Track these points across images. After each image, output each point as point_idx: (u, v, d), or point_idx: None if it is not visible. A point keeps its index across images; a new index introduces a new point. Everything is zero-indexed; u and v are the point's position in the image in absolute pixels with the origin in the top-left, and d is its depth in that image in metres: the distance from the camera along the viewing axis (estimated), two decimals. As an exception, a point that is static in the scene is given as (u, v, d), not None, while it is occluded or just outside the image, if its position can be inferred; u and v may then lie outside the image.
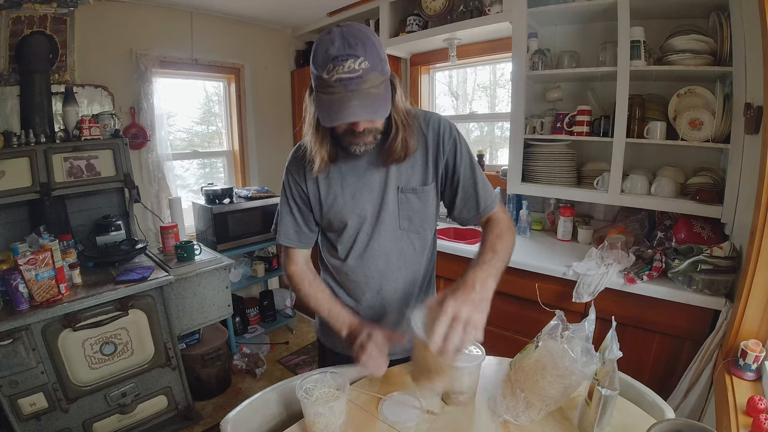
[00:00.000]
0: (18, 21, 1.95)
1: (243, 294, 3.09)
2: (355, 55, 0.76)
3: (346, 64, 0.76)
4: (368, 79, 0.79)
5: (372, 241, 1.02)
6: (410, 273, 1.07)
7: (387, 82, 0.85)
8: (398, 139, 0.92)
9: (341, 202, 1.00)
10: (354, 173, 0.99)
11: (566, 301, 1.65)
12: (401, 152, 0.94)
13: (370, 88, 0.79)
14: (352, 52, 0.76)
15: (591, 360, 0.78)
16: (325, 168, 0.96)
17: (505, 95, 2.61)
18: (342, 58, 0.76)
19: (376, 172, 0.99)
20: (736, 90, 1.48)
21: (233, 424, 0.87)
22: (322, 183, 1.01)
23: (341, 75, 0.77)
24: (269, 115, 3.23)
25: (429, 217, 1.05)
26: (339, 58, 0.76)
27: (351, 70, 0.76)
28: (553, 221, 2.22)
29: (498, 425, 0.84)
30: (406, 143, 0.93)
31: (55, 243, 1.70)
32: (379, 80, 0.81)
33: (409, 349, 1.12)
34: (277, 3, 2.65)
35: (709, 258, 1.39)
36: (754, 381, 1.08)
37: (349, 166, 0.99)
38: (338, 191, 1.00)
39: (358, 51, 0.77)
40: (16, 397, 1.58)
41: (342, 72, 0.76)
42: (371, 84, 0.79)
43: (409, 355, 1.11)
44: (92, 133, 2.08)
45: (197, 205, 2.72)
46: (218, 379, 2.37)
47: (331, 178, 1.00)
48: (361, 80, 0.78)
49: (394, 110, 0.90)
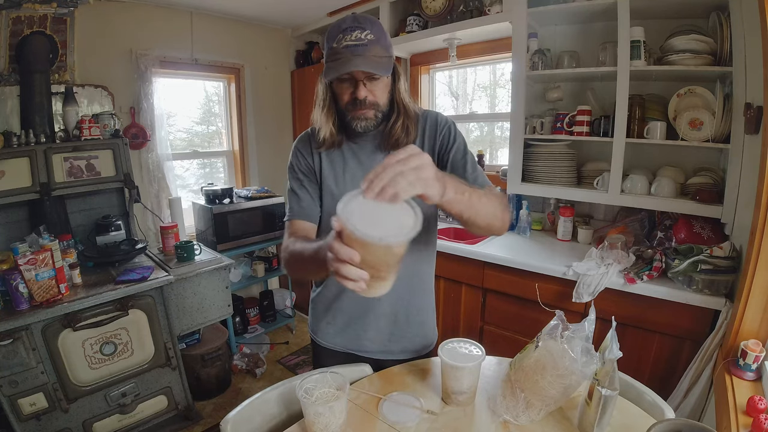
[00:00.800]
0: (18, 21, 1.95)
1: (243, 294, 3.09)
2: (362, 27, 0.87)
3: (354, 34, 0.86)
4: (372, 49, 0.87)
5: None
6: (408, 265, 1.04)
7: (390, 59, 0.93)
8: (399, 123, 0.98)
9: (341, 184, 1.03)
10: (355, 158, 1.03)
11: (566, 301, 1.65)
12: (402, 135, 0.98)
13: (374, 56, 0.88)
14: (359, 25, 0.87)
15: (591, 360, 0.78)
16: (331, 147, 1.02)
17: (505, 95, 2.61)
18: (351, 28, 0.87)
19: (377, 158, 1.01)
20: (736, 90, 1.48)
21: (233, 424, 0.87)
22: (326, 163, 1.04)
23: (348, 42, 0.86)
24: (269, 115, 3.23)
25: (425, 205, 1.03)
26: (348, 29, 0.87)
27: (357, 38, 0.86)
28: (553, 221, 2.22)
29: (498, 425, 0.84)
30: (407, 128, 0.98)
31: (55, 243, 1.70)
32: (383, 53, 0.90)
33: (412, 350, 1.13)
34: (277, 3, 2.65)
35: (709, 258, 1.39)
36: (754, 381, 1.08)
37: (352, 151, 1.03)
38: (339, 173, 1.04)
39: (365, 25, 0.88)
40: (16, 397, 1.58)
41: (349, 40, 0.86)
42: (375, 53, 0.88)
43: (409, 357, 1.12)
44: (92, 133, 2.08)
45: (197, 205, 2.72)
46: (218, 379, 2.37)
47: (334, 161, 1.04)
48: (366, 48, 0.87)
49: (397, 94, 0.98)
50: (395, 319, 1.09)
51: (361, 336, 1.10)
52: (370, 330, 1.09)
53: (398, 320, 1.10)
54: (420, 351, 1.15)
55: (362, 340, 1.10)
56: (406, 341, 1.12)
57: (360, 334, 1.10)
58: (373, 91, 0.93)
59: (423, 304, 1.14)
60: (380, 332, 1.09)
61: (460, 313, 2.08)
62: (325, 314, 1.14)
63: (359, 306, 1.08)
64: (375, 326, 1.09)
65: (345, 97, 0.94)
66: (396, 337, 1.11)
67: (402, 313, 1.09)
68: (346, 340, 1.12)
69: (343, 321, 1.11)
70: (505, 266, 1.85)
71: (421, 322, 1.14)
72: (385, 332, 1.10)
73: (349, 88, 0.93)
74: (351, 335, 1.11)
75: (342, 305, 1.10)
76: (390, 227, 0.64)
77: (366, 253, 0.64)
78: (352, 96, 0.93)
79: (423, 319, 1.14)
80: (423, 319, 1.14)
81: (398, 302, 1.08)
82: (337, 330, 1.13)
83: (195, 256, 2.17)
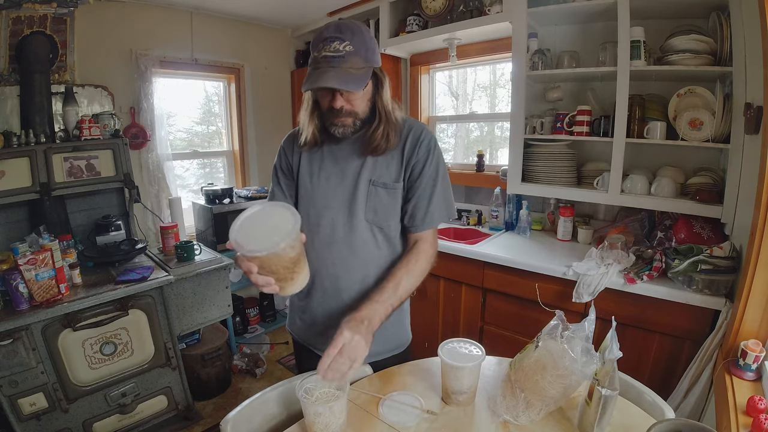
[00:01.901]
0: (18, 21, 1.95)
1: (243, 294, 3.09)
2: (341, 38, 0.89)
3: (333, 45, 0.88)
4: (349, 60, 0.89)
5: (336, 226, 1.04)
6: (370, 268, 1.06)
7: (368, 70, 0.93)
8: (380, 130, 0.99)
9: (315, 182, 1.06)
10: (333, 159, 1.05)
11: (566, 301, 1.65)
12: (382, 142, 0.99)
13: (350, 68, 0.89)
14: (339, 36, 0.89)
15: (591, 360, 0.78)
16: (312, 146, 1.05)
17: (505, 95, 2.61)
18: (330, 39, 0.89)
19: (354, 162, 1.03)
20: (736, 90, 1.48)
21: (233, 424, 0.88)
22: (305, 161, 1.08)
23: (327, 53, 0.89)
24: (269, 115, 3.24)
25: (395, 214, 1.05)
26: (328, 39, 0.89)
27: (335, 50, 0.88)
28: (553, 221, 2.22)
29: (498, 425, 0.84)
30: (387, 135, 1.00)
31: (55, 243, 1.70)
32: (360, 65, 0.91)
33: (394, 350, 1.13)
34: (277, 3, 2.65)
35: (709, 258, 1.39)
36: (754, 381, 1.08)
37: (332, 153, 1.06)
38: (315, 171, 1.06)
39: (345, 36, 0.89)
40: (16, 397, 1.58)
41: (328, 50, 0.88)
42: (351, 65, 0.89)
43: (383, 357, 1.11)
44: (92, 133, 2.08)
45: (197, 205, 2.72)
46: (218, 379, 2.37)
47: (313, 159, 1.07)
48: (342, 60, 0.88)
49: (379, 102, 0.99)
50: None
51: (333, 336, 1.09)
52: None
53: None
54: (394, 351, 1.14)
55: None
56: (382, 342, 1.08)
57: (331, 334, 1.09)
58: (351, 100, 0.95)
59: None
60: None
61: (460, 313, 2.08)
62: (299, 312, 1.15)
63: (327, 309, 1.08)
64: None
65: (324, 104, 0.98)
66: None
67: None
68: (322, 339, 1.09)
69: (313, 322, 1.11)
70: (505, 266, 1.85)
71: (398, 321, 1.14)
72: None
73: (328, 96, 0.95)
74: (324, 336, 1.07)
75: (313, 310, 1.11)
76: (269, 237, 0.74)
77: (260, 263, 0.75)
78: (330, 104, 0.95)
79: (399, 318, 1.15)
80: (399, 318, 1.15)
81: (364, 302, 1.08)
82: (307, 326, 1.13)
83: (195, 256, 2.17)
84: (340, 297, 1.06)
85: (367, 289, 1.06)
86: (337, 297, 1.07)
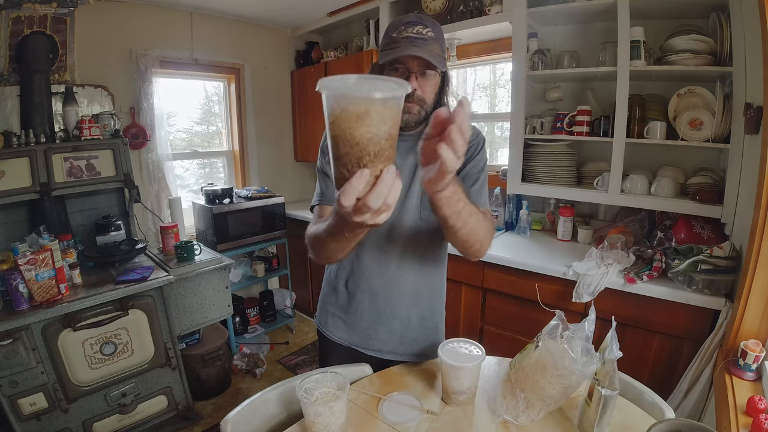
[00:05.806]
0: (18, 21, 1.95)
1: (243, 294, 3.09)
2: (424, 24, 0.89)
3: (416, 28, 0.88)
4: (431, 45, 0.88)
5: (392, 226, 1.01)
6: (424, 268, 1.07)
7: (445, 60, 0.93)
8: None
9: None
10: None
11: (566, 301, 1.65)
12: None
13: (432, 51, 0.88)
14: (422, 22, 0.89)
15: (591, 360, 0.78)
16: None
17: (505, 95, 2.61)
18: (414, 23, 0.88)
19: (410, 159, 1.00)
20: (736, 90, 1.48)
21: (233, 424, 0.87)
22: None
23: (409, 34, 0.87)
24: (269, 115, 3.23)
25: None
26: (411, 23, 0.88)
27: (419, 33, 0.88)
28: (553, 221, 2.22)
29: (498, 425, 0.84)
30: None
31: (55, 243, 1.70)
32: (439, 52, 0.91)
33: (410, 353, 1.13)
34: (277, 3, 2.64)
35: (709, 258, 1.39)
36: (754, 381, 1.08)
37: None
38: None
39: (428, 24, 0.90)
40: (16, 397, 1.58)
41: (411, 32, 0.88)
42: (433, 49, 0.89)
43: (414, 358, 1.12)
44: (92, 133, 2.08)
45: (197, 205, 2.72)
46: (218, 379, 2.37)
47: None
48: (425, 42, 0.88)
49: (444, 98, 0.98)
50: (408, 322, 1.09)
51: (372, 336, 1.10)
52: (382, 330, 1.09)
53: (411, 323, 1.10)
54: (426, 353, 1.15)
55: (372, 339, 1.11)
56: (416, 344, 1.12)
57: (370, 334, 1.10)
58: (423, 86, 0.92)
59: (437, 309, 1.15)
60: (392, 333, 1.10)
61: (460, 313, 2.08)
62: (337, 313, 1.14)
63: (374, 309, 1.08)
64: (388, 327, 1.09)
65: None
66: (407, 339, 1.11)
67: (416, 316, 1.10)
68: (356, 338, 1.12)
69: (355, 320, 1.11)
70: (505, 266, 1.85)
71: (434, 326, 1.15)
72: (397, 334, 1.10)
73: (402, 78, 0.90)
74: (361, 334, 1.11)
75: (356, 309, 1.10)
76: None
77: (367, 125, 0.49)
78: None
79: (435, 324, 1.15)
80: (435, 324, 1.15)
81: (414, 306, 1.08)
82: (347, 327, 1.13)
83: (195, 256, 2.17)
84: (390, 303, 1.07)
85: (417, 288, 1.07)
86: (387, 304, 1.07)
